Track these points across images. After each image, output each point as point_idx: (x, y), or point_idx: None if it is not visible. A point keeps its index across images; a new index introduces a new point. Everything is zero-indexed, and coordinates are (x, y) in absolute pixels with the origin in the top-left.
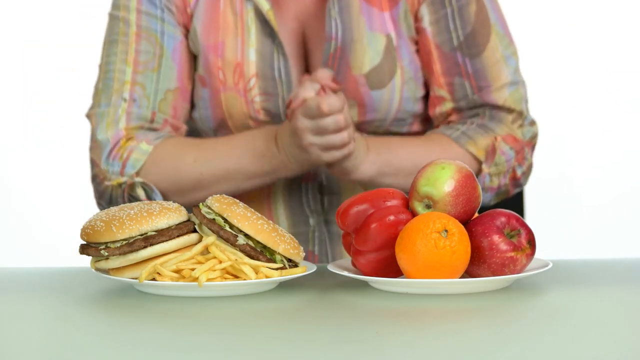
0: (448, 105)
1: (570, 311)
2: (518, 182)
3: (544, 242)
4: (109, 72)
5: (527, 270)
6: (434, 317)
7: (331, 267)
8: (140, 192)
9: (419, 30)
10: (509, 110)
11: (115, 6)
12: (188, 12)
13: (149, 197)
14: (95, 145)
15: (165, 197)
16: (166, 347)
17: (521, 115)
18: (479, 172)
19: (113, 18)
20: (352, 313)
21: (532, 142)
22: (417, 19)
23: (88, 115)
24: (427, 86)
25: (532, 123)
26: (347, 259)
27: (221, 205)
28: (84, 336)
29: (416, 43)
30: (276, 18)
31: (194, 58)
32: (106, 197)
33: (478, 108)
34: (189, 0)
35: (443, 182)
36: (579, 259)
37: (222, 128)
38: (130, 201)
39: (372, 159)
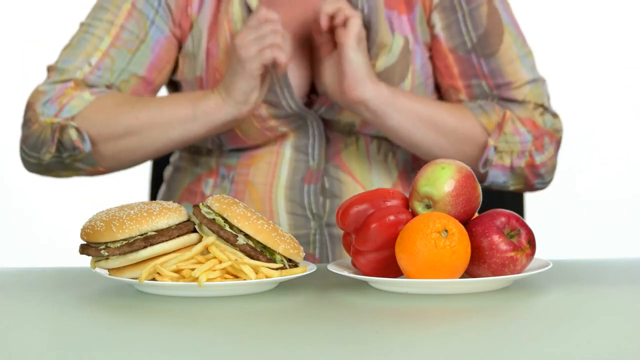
0: None
1: (570, 311)
2: (538, 171)
3: (544, 242)
4: (87, 33)
5: (527, 270)
6: (434, 317)
7: (331, 267)
8: (72, 133)
9: (432, 37)
10: (530, 103)
11: None
12: (188, 12)
13: (80, 141)
14: (37, 91)
15: (95, 145)
16: (166, 347)
17: (543, 108)
18: (485, 144)
19: None
20: (352, 313)
21: (555, 135)
22: (429, 25)
23: (49, 68)
24: (438, 91)
25: (555, 115)
26: (347, 259)
27: (221, 205)
28: (84, 336)
29: (430, 49)
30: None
31: (175, 59)
32: (32, 140)
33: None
34: (191, 1)
35: (443, 182)
36: (579, 259)
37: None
38: (58, 148)
39: (383, 87)
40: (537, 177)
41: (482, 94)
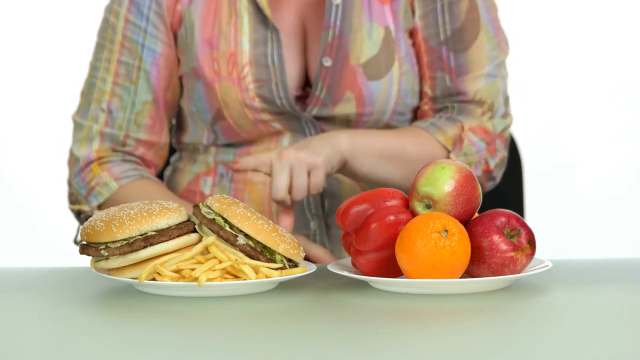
0: (426, 97)
1: (570, 311)
2: (492, 175)
3: (544, 242)
4: (94, 77)
5: (527, 270)
6: (434, 317)
7: (331, 267)
8: None
9: (413, 24)
10: (479, 103)
11: (108, 8)
12: (178, 8)
13: None
14: (71, 157)
15: None
16: (166, 346)
17: (492, 108)
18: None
19: (104, 20)
20: (352, 313)
21: (503, 135)
22: (412, 12)
23: (73, 119)
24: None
25: (505, 115)
26: (347, 259)
27: (221, 205)
28: (84, 336)
29: (411, 36)
30: (275, 11)
31: (177, 63)
32: (74, 212)
33: (450, 97)
34: None
35: (443, 182)
36: (579, 259)
37: (219, 119)
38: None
39: (344, 137)
40: (490, 180)
41: (444, 89)
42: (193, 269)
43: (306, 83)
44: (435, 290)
